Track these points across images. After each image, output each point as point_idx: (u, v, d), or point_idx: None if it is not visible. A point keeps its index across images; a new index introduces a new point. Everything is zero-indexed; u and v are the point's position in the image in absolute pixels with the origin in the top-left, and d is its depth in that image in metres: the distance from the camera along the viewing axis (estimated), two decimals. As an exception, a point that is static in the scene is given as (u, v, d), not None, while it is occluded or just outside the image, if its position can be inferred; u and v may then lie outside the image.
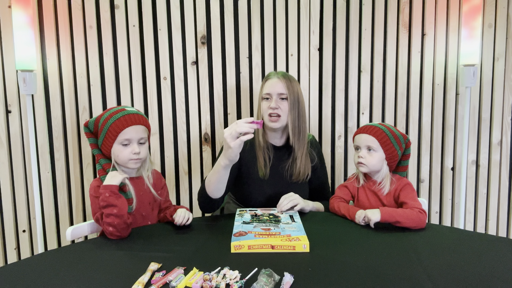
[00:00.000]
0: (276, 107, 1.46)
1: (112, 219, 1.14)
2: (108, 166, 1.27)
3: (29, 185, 2.02)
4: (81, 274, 0.93)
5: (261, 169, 1.51)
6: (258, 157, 1.52)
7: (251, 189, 1.53)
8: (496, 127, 2.18)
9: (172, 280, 0.88)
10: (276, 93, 1.48)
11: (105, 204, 1.16)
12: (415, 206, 1.28)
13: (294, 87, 1.49)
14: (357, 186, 1.46)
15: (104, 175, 1.25)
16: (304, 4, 2.04)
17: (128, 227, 1.18)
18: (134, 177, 1.34)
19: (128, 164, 1.28)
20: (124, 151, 1.26)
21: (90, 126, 1.31)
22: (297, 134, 1.50)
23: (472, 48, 1.99)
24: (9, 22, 1.88)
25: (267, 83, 1.52)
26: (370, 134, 1.39)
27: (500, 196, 2.23)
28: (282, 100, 1.48)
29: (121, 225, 1.15)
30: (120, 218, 1.15)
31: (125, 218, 1.16)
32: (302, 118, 1.51)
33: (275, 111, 1.47)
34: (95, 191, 1.25)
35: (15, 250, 2.05)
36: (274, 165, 1.53)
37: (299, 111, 1.49)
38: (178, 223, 1.25)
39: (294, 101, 1.48)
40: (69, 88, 1.99)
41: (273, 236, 1.10)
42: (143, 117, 1.32)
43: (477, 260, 0.99)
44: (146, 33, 1.99)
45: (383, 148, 1.38)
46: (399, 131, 1.42)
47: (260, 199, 1.52)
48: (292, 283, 0.86)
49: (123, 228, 1.16)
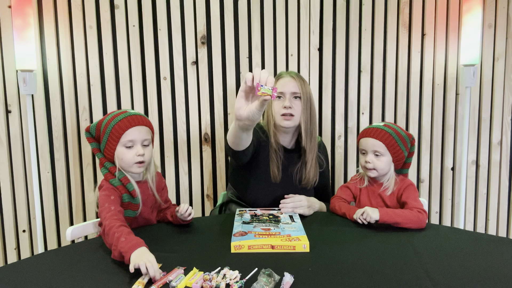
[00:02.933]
0: (290, 106, 1.42)
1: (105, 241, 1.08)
2: (114, 169, 1.22)
3: (29, 185, 2.02)
4: (81, 274, 0.93)
5: (273, 172, 1.48)
6: (272, 159, 1.48)
7: (261, 191, 1.50)
8: (496, 127, 2.18)
9: (172, 280, 0.88)
10: (290, 92, 1.44)
11: (111, 242, 1.05)
12: (415, 206, 1.28)
13: (307, 87, 1.47)
14: (360, 187, 1.46)
15: (113, 178, 1.21)
16: (304, 4, 2.04)
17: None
18: (140, 181, 1.30)
19: (132, 168, 1.24)
20: (128, 154, 1.22)
21: (92, 131, 1.27)
22: (309, 135, 1.47)
23: (472, 48, 1.99)
24: (9, 22, 1.88)
25: (279, 82, 1.47)
26: (377, 139, 1.36)
27: (500, 196, 2.23)
28: (295, 99, 1.45)
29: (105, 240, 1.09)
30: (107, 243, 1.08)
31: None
32: (313, 119, 1.48)
33: (289, 110, 1.42)
34: (109, 190, 1.18)
35: (15, 250, 2.05)
36: (284, 168, 1.50)
37: (311, 112, 1.47)
38: (181, 213, 1.22)
39: (307, 101, 1.45)
40: (69, 88, 1.99)
41: (273, 236, 1.10)
42: (146, 119, 1.30)
43: (477, 260, 0.99)
44: (146, 33, 1.99)
45: (390, 152, 1.36)
46: (404, 131, 1.40)
47: (268, 202, 1.50)
48: (292, 283, 0.86)
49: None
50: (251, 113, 1.02)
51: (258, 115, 1.04)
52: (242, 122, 1.07)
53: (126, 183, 1.21)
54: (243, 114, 1.04)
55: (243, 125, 1.09)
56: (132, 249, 0.96)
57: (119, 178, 1.21)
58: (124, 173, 1.23)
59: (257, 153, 1.48)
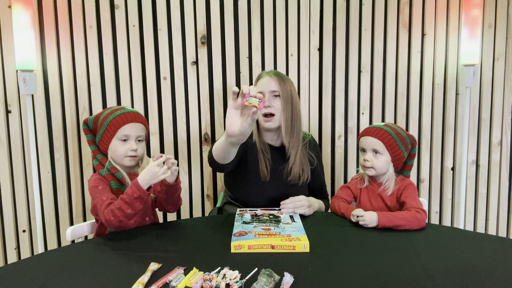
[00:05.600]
0: (269, 105, 1.45)
1: (121, 215, 1.14)
2: (105, 161, 1.30)
3: (29, 185, 2.02)
4: (81, 274, 0.93)
5: (262, 171, 1.50)
6: (260, 159, 1.50)
7: (252, 191, 1.52)
8: (496, 127, 2.18)
9: (172, 280, 0.88)
10: (269, 91, 1.46)
11: (128, 201, 1.14)
12: (413, 205, 1.28)
13: (287, 85, 1.48)
14: (360, 187, 1.46)
15: (102, 169, 1.28)
16: (304, 4, 2.04)
17: (127, 227, 1.20)
18: (130, 172, 1.35)
19: (123, 160, 1.30)
20: (122, 147, 1.29)
21: (89, 123, 1.34)
22: (289, 132, 1.48)
23: (472, 48, 1.99)
24: (9, 22, 1.89)
25: (259, 82, 1.51)
26: (376, 137, 1.37)
27: (500, 196, 2.23)
28: (275, 98, 1.47)
29: (123, 223, 1.16)
30: (127, 219, 1.16)
31: (131, 223, 1.18)
32: (295, 117, 1.49)
33: (268, 109, 1.45)
34: (95, 182, 1.26)
35: (15, 250, 2.05)
36: (273, 167, 1.52)
37: (292, 110, 1.47)
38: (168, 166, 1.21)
39: (287, 99, 1.46)
40: (69, 88, 1.99)
41: (273, 236, 1.10)
42: (142, 116, 1.36)
43: (477, 260, 0.99)
44: (146, 33, 1.99)
45: (389, 151, 1.36)
46: (405, 132, 1.40)
47: (260, 201, 1.51)
48: (292, 283, 0.86)
49: (121, 226, 1.18)
50: (243, 128, 1.07)
51: (250, 129, 1.08)
52: (234, 137, 1.10)
53: (115, 172, 1.28)
54: (235, 130, 1.07)
55: (234, 140, 1.12)
56: (136, 184, 1.13)
57: (107, 168, 1.28)
58: (114, 164, 1.29)
59: (245, 154, 1.50)
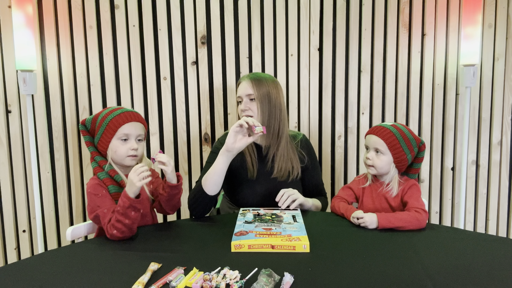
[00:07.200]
0: (246, 109, 1.48)
1: (121, 226, 1.13)
2: (104, 163, 1.28)
3: (29, 185, 2.02)
4: (81, 274, 0.93)
5: (249, 170, 1.51)
6: (246, 157, 1.52)
7: (243, 189, 1.53)
8: (496, 127, 2.18)
9: (172, 280, 0.88)
10: (245, 95, 1.49)
11: (122, 212, 1.13)
12: (414, 205, 1.27)
13: (263, 87, 1.48)
14: (363, 187, 1.45)
15: (101, 171, 1.26)
16: (304, 4, 2.04)
17: (132, 234, 1.18)
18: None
19: (125, 160, 1.28)
20: (122, 147, 1.27)
21: (87, 124, 1.31)
22: (268, 132, 1.49)
23: (472, 48, 1.99)
24: (9, 22, 1.88)
25: (238, 88, 1.53)
26: (379, 136, 1.35)
27: (500, 196, 2.23)
28: (252, 101, 1.48)
29: (126, 233, 1.14)
30: (129, 228, 1.14)
31: (134, 229, 1.16)
32: (274, 115, 1.49)
33: (245, 112, 1.48)
34: (94, 189, 1.23)
35: (15, 250, 2.05)
36: (260, 165, 1.54)
37: (270, 109, 1.48)
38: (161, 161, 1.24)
39: (263, 99, 1.47)
40: (69, 88, 1.99)
41: (273, 236, 1.10)
42: (141, 116, 1.35)
43: (477, 260, 0.99)
44: (146, 33, 1.99)
45: (391, 152, 1.34)
46: (413, 134, 1.36)
47: (252, 199, 1.52)
48: (292, 283, 0.86)
49: (126, 236, 1.15)
50: (244, 144, 1.31)
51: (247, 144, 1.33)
52: (234, 152, 1.33)
53: (114, 175, 1.26)
54: (236, 146, 1.31)
55: (232, 155, 1.34)
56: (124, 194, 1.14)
57: (106, 171, 1.26)
58: (113, 166, 1.28)
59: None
